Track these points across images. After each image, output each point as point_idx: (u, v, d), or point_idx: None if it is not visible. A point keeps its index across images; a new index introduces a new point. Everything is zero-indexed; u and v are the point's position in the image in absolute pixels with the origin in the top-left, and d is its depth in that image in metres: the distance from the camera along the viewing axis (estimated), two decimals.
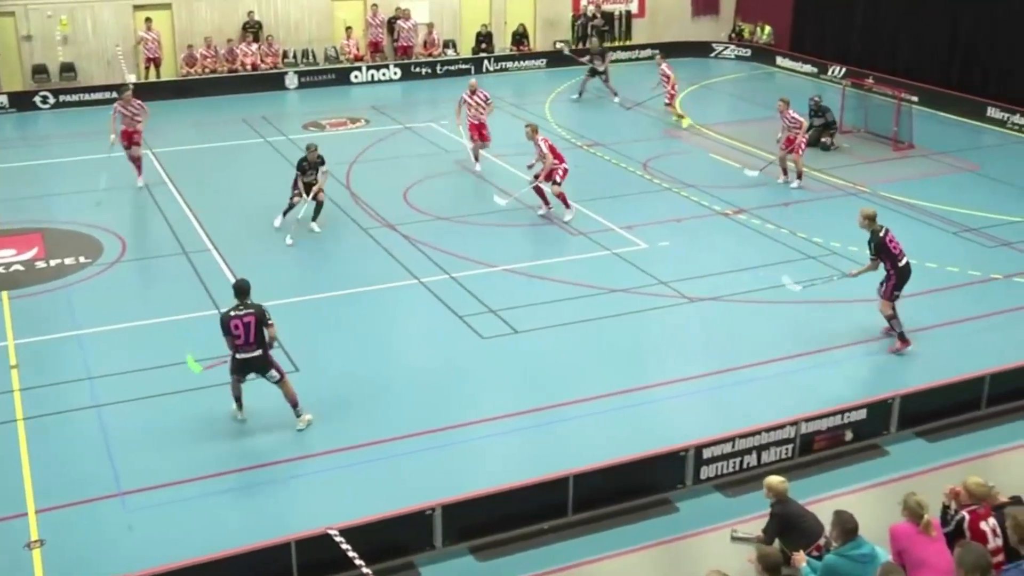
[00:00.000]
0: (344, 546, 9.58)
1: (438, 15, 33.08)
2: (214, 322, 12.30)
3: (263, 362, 12.03)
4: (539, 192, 19.04)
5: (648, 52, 32.29)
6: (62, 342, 14.62)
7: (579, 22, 34.16)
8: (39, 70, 29.08)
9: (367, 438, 12.14)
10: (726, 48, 35.05)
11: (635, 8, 35.67)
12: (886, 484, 11.01)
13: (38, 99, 28.11)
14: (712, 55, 34.94)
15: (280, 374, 12.16)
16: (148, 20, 29.47)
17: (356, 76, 31.21)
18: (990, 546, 8.40)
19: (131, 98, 20.83)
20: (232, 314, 11.82)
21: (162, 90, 28.91)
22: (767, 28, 34.72)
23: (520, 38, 33.82)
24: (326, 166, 18.52)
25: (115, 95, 24.61)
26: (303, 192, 18.34)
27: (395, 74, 31.61)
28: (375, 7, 31.85)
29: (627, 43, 35.22)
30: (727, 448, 11.33)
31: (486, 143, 21.95)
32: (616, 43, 34.97)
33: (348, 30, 31.82)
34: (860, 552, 8.43)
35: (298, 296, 15.96)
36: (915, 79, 27.88)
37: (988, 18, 27.22)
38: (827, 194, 20.66)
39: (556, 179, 18.74)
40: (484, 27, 33.30)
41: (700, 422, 12.33)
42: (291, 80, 30.51)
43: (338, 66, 31.46)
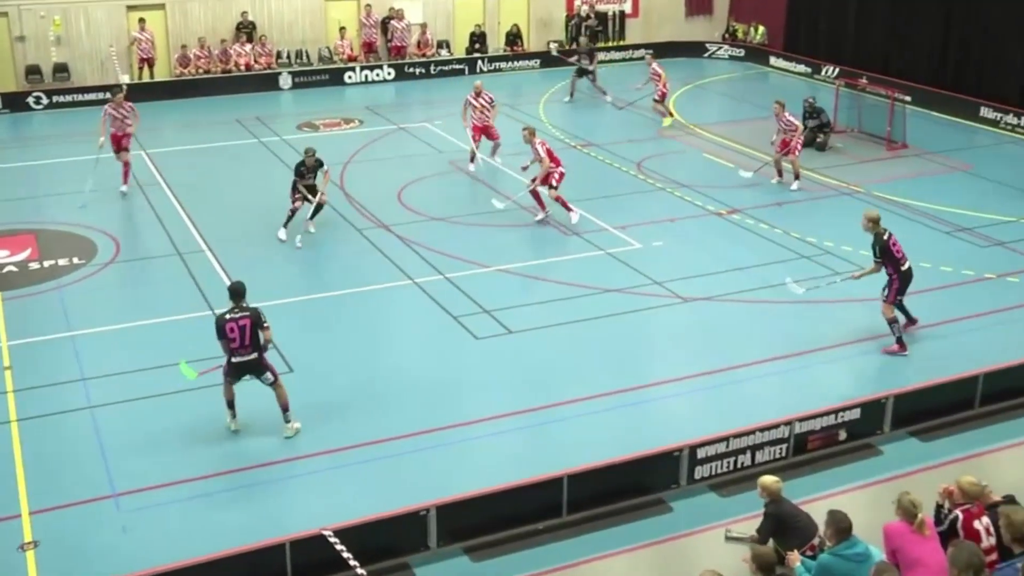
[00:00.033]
0: (339, 547, 9.57)
1: (432, 15, 33.07)
2: (208, 323, 12.30)
3: (258, 365, 11.97)
4: (535, 196, 18.99)
5: (641, 52, 32.27)
6: (56, 343, 14.59)
7: (573, 22, 34.14)
8: (32, 71, 29.01)
9: (361, 439, 12.13)
10: (720, 48, 35.08)
11: (629, 8, 35.70)
12: (880, 483, 11.06)
13: (31, 100, 28.05)
14: (706, 55, 34.97)
15: (275, 377, 12.10)
16: (142, 20, 29.43)
17: (350, 76, 31.20)
18: (983, 545, 8.43)
19: (123, 100, 20.63)
20: (227, 317, 11.75)
21: (156, 90, 28.93)
22: (761, 28, 34.76)
23: (514, 38, 33.81)
24: (326, 166, 18.32)
25: (108, 96, 24.62)
26: (304, 198, 18.04)
27: (389, 74, 31.60)
28: (369, 7, 31.84)
29: (621, 43, 35.26)
30: (721, 448, 11.35)
31: (496, 140, 21.98)
32: (610, 43, 35.02)
33: (342, 30, 31.80)
34: (854, 551, 8.45)
35: (292, 297, 15.95)
36: (908, 79, 27.92)
37: (981, 18, 27.26)
38: (821, 194, 20.69)
39: (552, 183, 18.62)
40: (478, 27, 33.29)
41: (694, 422, 12.34)
42: (285, 80, 30.49)
43: (332, 66, 31.43)
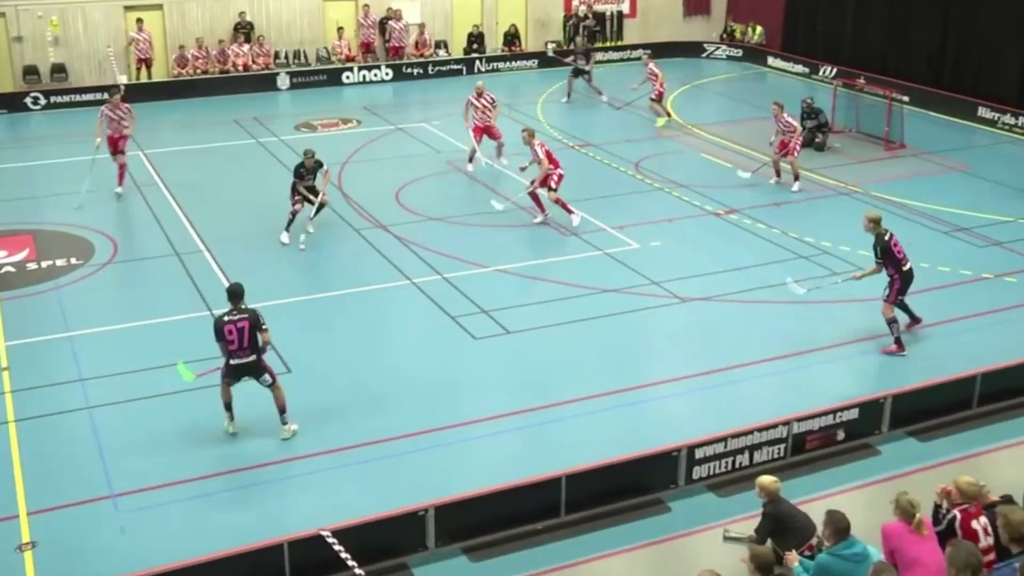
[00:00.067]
0: (337, 547, 9.57)
1: (430, 16, 33.07)
2: (206, 323, 12.29)
3: (257, 367, 11.92)
4: (535, 199, 18.97)
5: (639, 52, 32.26)
6: (54, 344, 14.58)
7: (570, 22, 34.17)
8: (30, 71, 29.00)
9: (359, 439, 12.12)
10: (717, 48, 35.10)
11: (626, 8, 35.70)
12: (878, 483, 11.08)
13: (29, 100, 28.04)
14: (704, 55, 34.99)
15: (273, 378, 12.06)
16: (139, 21, 29.42)
17: (348, 77, 31.19)
18: (981, 545, 8.43)
19: (119, 102, 20.48)
20: (226, 319, 11.69)
21: (153, 91, 28.94)
22: (758, 28, 34.78)
23: (512, 39, 33.81)
24: (326, 166, 18.25)
25: (106, 96, 24.59)
26: (304, 200, 17.97)
27: (387, 75, 31.60)
28: (366, 8, 31.84)
29: (618, 43, 35.27)
30: (719, 448, 11.35)
31: (499, 140, 21.98)
32: (608, 43, 35.04)
33: (340, 31, 31.79)
34: (852, 551, 8.45)
35: (290, 297, 15.93)
36: (906, 79, 27.94)
37: (979, 18, 27.28)
38: (819, 194, 20.69)
39: (551, 185, 18.57)
40: (476, 27, 33.29)
41: (692, 422, 12.34)
42: (283, 81, 30.48)
43: (330, 67, 31.43)
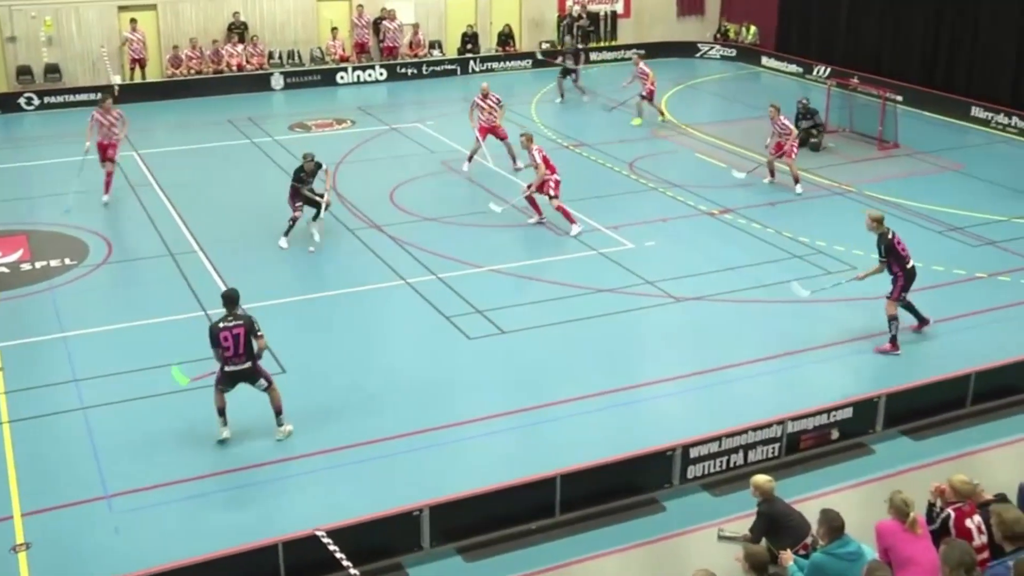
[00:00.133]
0: (332, 547, 9.57)
1: (424, 16, 33.04)
2: (201, 324, 12.28)
3: (252, 373, 11.87)
4: (531, 202, 18.95)
5: (631, 52, 32.26)
6: (48, 344, 14.56)
7: (564, 22, 34.16)
8: (23, 71, 28.94)
9: (353, 439, 12.12)
10: (711, 48, 35.12)
11: (620, 8, 35.72)
12: (872, 482, 11.11)
13: (22, 101, 27.99)
14: (698, 55, 35.01)
15: (268, 382, 12.02)
16: (133, 21, 29.37)
17: (342, 77, 31.17)
18: (975, 543, 8.45)
19: (111, 106, 20.09)
20: (221, 326, 11.63)
21: (147, 91, 28.91)
22: (752, 28, 34.81)
23: (506, 39, 33.80)
24: (325, 166, 18.13)
25: (99, 96, 24.53)
26: (306, 205, 17.85)
27: (381, 75, 31.58)
28: (360, 8, 31.81)
29: (612, 43, 35.28)
30: (714, 447, 11.36)
31: (505, 140, 21.98)
32: (602, 43, 35.05)
33: (334, 31, 31.77)
34: (847, 550, 8.47)
35: (284, 297, 15.93)
36: (900, 79, 27.97)
37: (972, 18, 27.33)
38: (813, 194, 20.71)
39: (551, 192, 18.47)
40: (470, 28, 33.28)
41: (687, 421, 12.36)
42: (277, 81, 30.46)
43: (324, 67, 31.41)
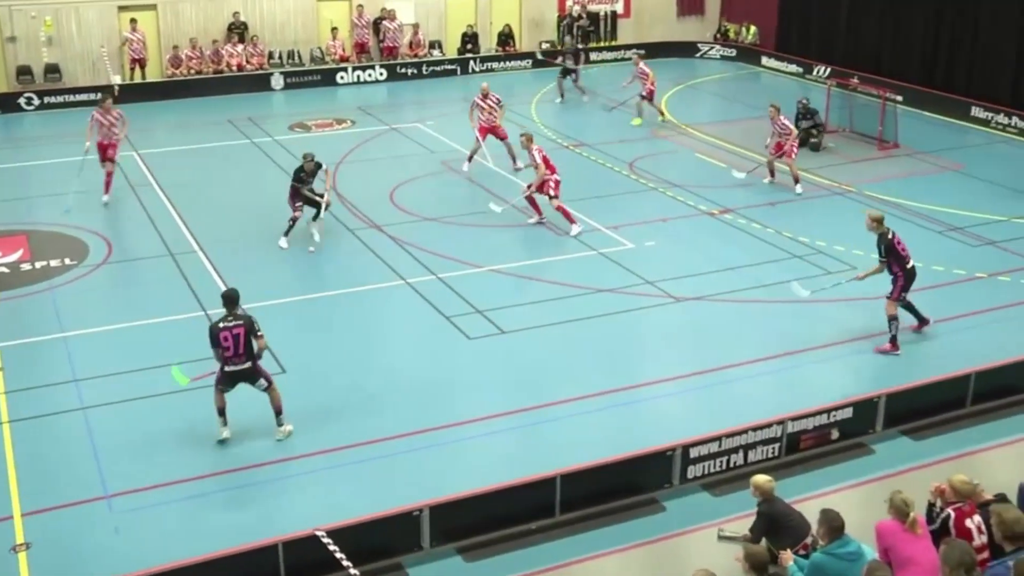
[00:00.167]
0: (332, 547, 9.57)
1: (424, 16, 33.04)
2: (201, 324, 12.28)
3: (252, 373, 11.86)
4: (531, 202, 18.94)
5: (631, 52, 32.27)
6: (48, 344, 14.56)
7: (564, 22, 34.17)
8: (23, 71, 28.93)
9: (353, 439, 12.12)
10: (712, 48, 35.12)
11: (620, 8, 35.72)
12: (872, 482, 11.11)
13: (22, 101, 27.99)
14: (698, 55, 35.01)
15: (268, 382, 12.01)
16: (133, 21, 29.37)
17: (342, 77, 31.17)
18: (975, 543, 8.45)
19: (111, 106, 20.07)
20: (221, 326, 11.62)
21: (147, 91, 28.91)
22: (752, 28, 34.80)
23: (506, 39, 33.80)
24: (325, 166, 18.11)
25: (99, 96, 24.52)
26: (306, 205, 17.82)
27: (381, 75, 31.58)
28: (360, 8, 31.81)
29: (612, 43, 35.28)
30: (714, 447, 11.36)
31: (505, 140, 21.96)
32: (602, 43, 35.05)
33: (334, 31, 31.77)
34: (847, 550, 8.47)
35: (284, 297, 15.93)
36: (900, 79, 27.98)
37: (972, 18, 27.33)
38: (813, 194, 20.71)
39: (551, 192, 18.46)
40: (470, 28, 33.28)
41: (687, 421, 12.36)
42: (277, 81, 30.46)
43: (324, 67, 31.40)
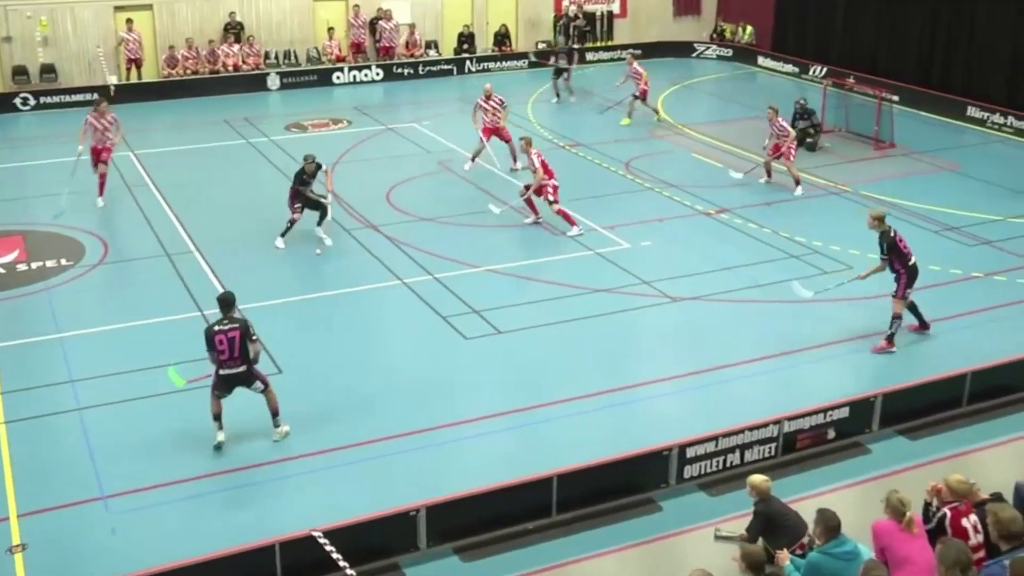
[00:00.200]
0: (328, 548, 9.57)
1: (420, 16, 33.05)
2: (197, 324, 12.29)
3: (248, 376, 11.83)
4: (528, 202, 18.92)
5: (625, 52, 32.30)
6: (44, 345, 14.53)
7: (561, 22, 34.17)
8: (19, 71, 28.89)
9: (350, 439, 12.11)
10: (708, 48, 35.14)
11: (617, 8, 35.73)
12: (868, 482, 11.12)
13: (18, 101, 27.96)
14: (694, 55, 35.03)
15: (264, 384, 11.98)
16: (129, 21, 29.36)
17: (338, 77, 31.17)
18: (971, 543, 8.47)
19: (105, 110, 20.01)
20: (216, 329, 11.59)
21: (143, 91, 28.91)
22: (748, 28, 34.83)
23: (502, 39, 33.82)
24: (325, 166, 18.07)
25: (96, 96, 24.50)
26: (305, 207, 17.74)
27: (377, 75, 31.58)
28: (357, 8, 31.81)
29: (609, 43, 35.29)
30: (710, 447, 11.37)
31: (509, 141, 21.94)
32: (598, 43, 35.06)
33: (330, 31, 31.76)
34: (843, 550, 8.48)
35: (281, 298, 15.92)
36: (896, 79, 28.02)
37: (968, 18, 27.36)
38: (809, 193, 20.72)
39: (549, 197, 18.45)
40: (466, 28, 33.29)
41: (683, 421, 12.36)
42: (273, 81, 30.44)
43: (320, 67, 31.39)
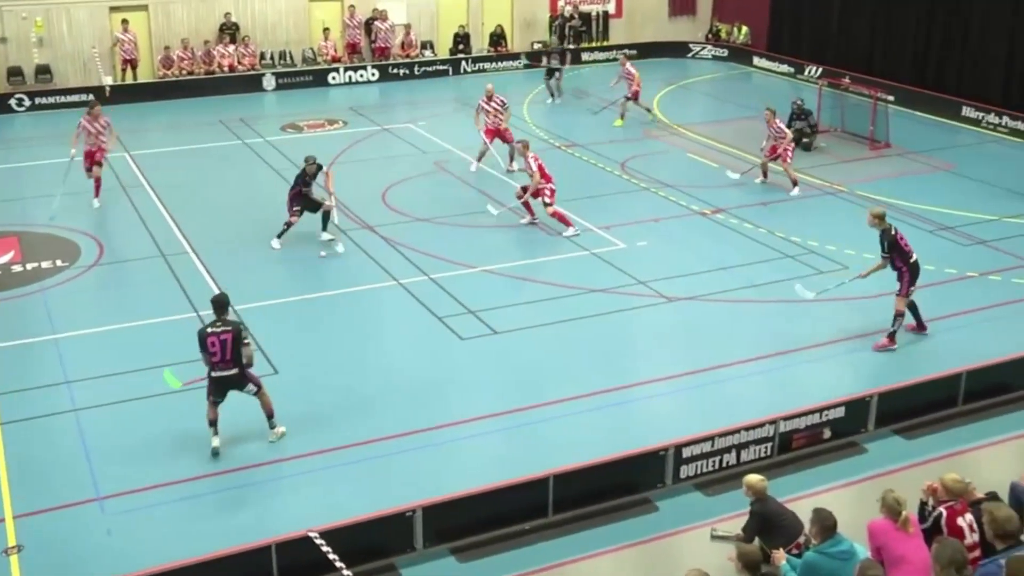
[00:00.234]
0: (325, 548, 9.56)
1: (415, 16, 33.05)
2: (192, 325, 12.28)
3: (240, 379, 11.78)
4: (526, 205, 18.93)
5: (627, 52, 32.29)
6: (39, 346, 14.52)
7: (556, 23, 34.21)
8: (14, 72, 28.89)
9: (346, 440, 12.11)
10: (703, 48, 35.18)
11: (612, 8, 35.75)
12: (864, 481, 11.13)
13: (13, 102, 27.93)
14: (689, 55, 35.07)
15: (258, 387, 11.94)
16: (124, 22, 29.34)
17: (334, 77, 31.16)
18: (967, 542, 8.49)
19: (99, 113, 19.94)
20: (209, 330, 11.55)
21: (139, 92, 28.90)
22: (744, 28, 34.87)
23: (498, 39, 33.82)
24: (325, 167, 17.99)
25: (91, 97, 24.48)
26: (305, 210, 17.68)
27: (373, 75, 31.58)
28: (352, 8, 31.80)
29: (604, 43, 35.30)
30: (706, 447, 11.37)
31: (511, 143, 21.81)
32: (593, 43, 35.08)
33: (325, 31, 31.75)
34: (839, 549, 8.49)
35: (277, 298, 15.91)
36: (891, 79, 28.06)
37: (963, 18, 27.40)
38: (805, 194, 20.73)
39: (545, 200, 18.49)
40: (462, 28, 33.29)
41: (679, 421, 12.37)
42: (268, 82, 30.42)
43: (315, 67, 31.39)
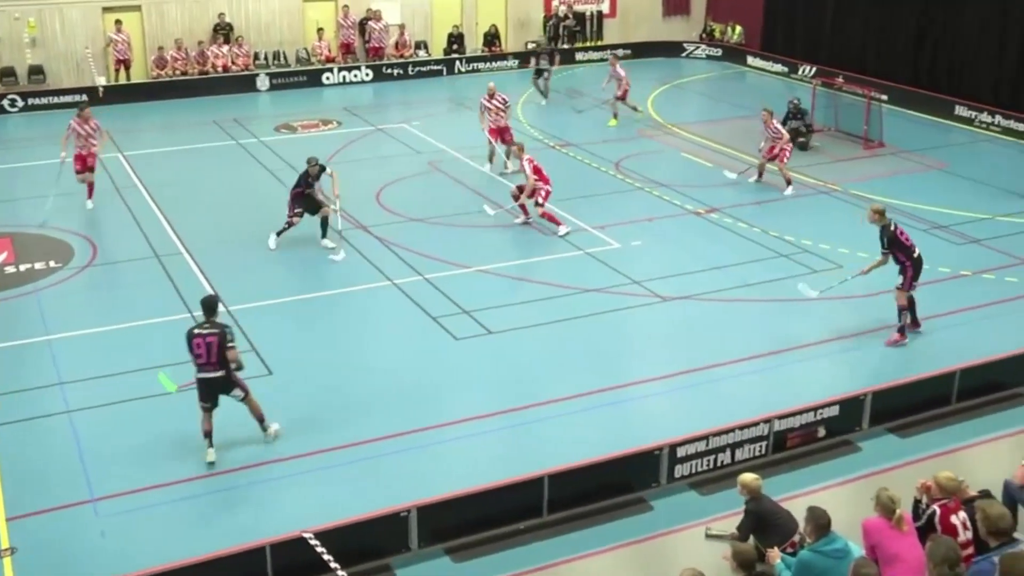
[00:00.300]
0: (319, 549, 9.56)
1: (409, 16, 33.04)
2: (186, 326, 12.18)
3: (226, 382, 11.69)
4: (521, 205, 18.95)
5: (621, 52, 32.33)
6: (32, 347, 14.48)
7: (550, 23, 34.22)
8: (7, 73, 28.82)
9: (341, 441, 12.10)
10: (697, 48, 35.22)
11: (606, 8, 35.77)
12: (858, 480, 11.14)
13: (6, 102, 27.86)
14: (683, 55, 35.10)
15: (244, 392, 11.87)
16: (118, 22, 29.29)
17: (328, 78, 31.14)
18: (960, 539, 8.51)
19: (89, 115, 19.84)
20: (196, 331, 11.51)
21: (132, 92, 28.85)
22: (738, 28, 34.91)
23: (492, 39, 33.81)
24: (329, 168, 17.85)
25: (84, 97, 24.43)
26: (305, 212, 17.62)
27: (367, 75, 31.57)
28: (346, 8, 31.79)
29: (598, 43, 35.33)
30: (701, 446, 11.38)
31: (510, 145, 21.63)
32: (588, 43, 35.10)
33: (319, 31, 31.74)
34: (833, 547, 8.50)
35: (270, 299, 15.89)
36: (885, 78, 28.10)
37: (956, 18, 27.46)
38: (799, 193, 20.75)
39: (539, 200, 18.51)
40: (456, 28, 33.29)
41: (674, 421, 12.37)
42: (262, 82, 30.40)
43: (309, 68, 31.38)
